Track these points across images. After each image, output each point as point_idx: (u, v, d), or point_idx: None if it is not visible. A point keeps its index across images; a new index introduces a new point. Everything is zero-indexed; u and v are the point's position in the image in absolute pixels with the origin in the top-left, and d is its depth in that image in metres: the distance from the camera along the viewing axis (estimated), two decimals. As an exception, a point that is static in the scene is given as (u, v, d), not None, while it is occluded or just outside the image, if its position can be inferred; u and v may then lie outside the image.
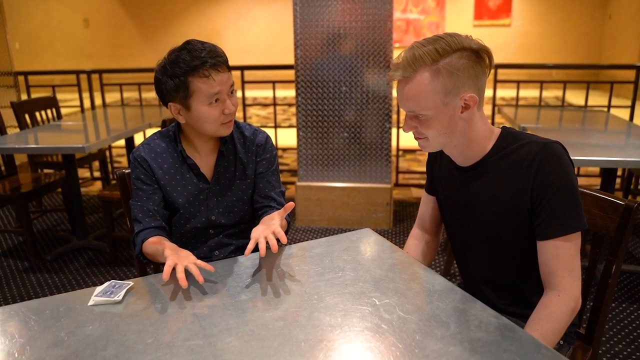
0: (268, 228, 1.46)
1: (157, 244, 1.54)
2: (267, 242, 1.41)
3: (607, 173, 3.06)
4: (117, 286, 1.36)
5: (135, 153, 1.71)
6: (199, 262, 1.38)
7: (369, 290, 1.32)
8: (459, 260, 1.64)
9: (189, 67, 1.53)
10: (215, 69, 1.55)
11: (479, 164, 1.41)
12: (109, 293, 1.33)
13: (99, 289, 1.35)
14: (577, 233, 1.30)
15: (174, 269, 1.34)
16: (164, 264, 1.38)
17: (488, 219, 1.43)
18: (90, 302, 1.30)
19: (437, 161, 1.59)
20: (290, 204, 1.51)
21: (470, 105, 1.30)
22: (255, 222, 1.80)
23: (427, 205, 1.70)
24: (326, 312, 1.22)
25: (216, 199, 1.75)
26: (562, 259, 1.30)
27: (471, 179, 1.44)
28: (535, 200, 1.31)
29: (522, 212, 1.34)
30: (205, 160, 1.74)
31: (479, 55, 1.28)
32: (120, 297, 1.32)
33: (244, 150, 1.77)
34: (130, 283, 1.38)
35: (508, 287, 1.51)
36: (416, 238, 1.72)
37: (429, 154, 1.61)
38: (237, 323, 1.19)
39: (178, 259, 1.38)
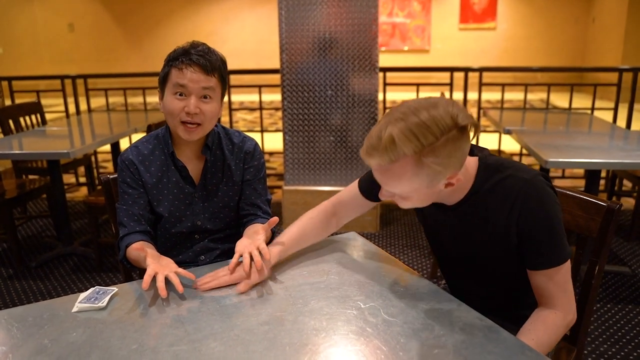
0: (253, 243, 1.45)
1: (139, 251, 1.53)
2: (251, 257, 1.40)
3: (591, 175, 3.09)
4: (101, 292, 1.35)
5: (122, 156, 1.71)
6: (180, 270, 1.38)
7: (354, 294, 1.33)
8: (446, 273, 1.63)
9: (174, 57, 1.58)
10: (193, 65, 1.55)
11: (461, 203, 1.35)
12: (93, 299, 1.32)
13: (82, 295, 1.35)
14: (564, 262, 1.29)
15: (154, 277, 1.34)
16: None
17: (474, 250, 1.40)
18: (74, 309, 1.30)
19: None
20: (275, 219, 1.51)
21: (454, 184, 1.24)
22: (240, 228, 1.79)
23: (355, 198, 1.61)
24: (311, 316, 1.23)
25: (202, 204, 1.74)
26: (555, 284, 1.30)
27: (455, 216, 1.39)
28: (522, 236, 1.29)
29: (509, 246, 1.32)
30: (193, 164, 1.73)
31: (465, 131, 1.16)
32: (105, 303, 1.31)
33: (232, 156, 1.76)
34: (114, 289, 1.38)
35: (496, 302, 1.51)
36: (325, 212, 1.64)
37: None
38: (222, 328, 1.19)
39: (159, 268, 1.37)
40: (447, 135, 1.12)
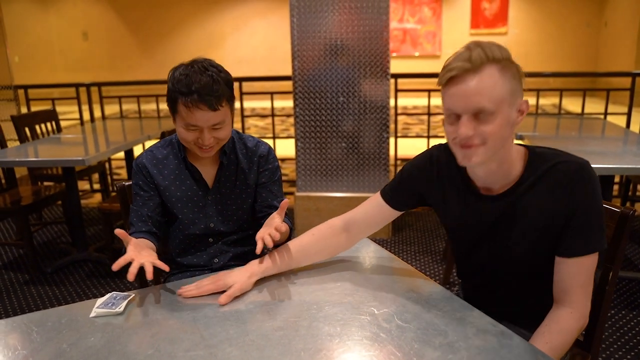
0: (269, 227, 1.47)
1: (124, 237, 1.49)
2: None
3: (605, 180, 3.07)
4: (118, 297, 1.38)
5: (137, 159, 1.77)
6: (157, 262, 1.40)
7: (367, 300, 1.33)
8: (465, 274, 1.62)
9: (180, 90, 1.55)
10: (200, 104, 1.54)
11: (511, 191, 1.35)
12: (110, 304, 1.34)
13: (100, 300, 1.37)
14: (596, 253, 1.30)
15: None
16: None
17: (514, 241, 1.38)
18: (92, 314, 1.32)
19: (435, 181, 1.49)
20: (285, 202, 1.53)
21: (524, 111, 1.29)
22: (255, 230, 1.81)
23: (373, 211, 1.58)
24: (325, 322, 1.24)
25: (215, 207, 1.77)
26: (579, 277, 1.30)
27: (502, 205, 1.36)
28: (569, 217, 1.29)
29: (554, 231, 1.32)
30: (207, 169, 1.76)
31: (521, 72, 1.28)
32: (122, 309, 1.33)
33: (246, 160, 1.79)
34: (131, 294, 1.40)
35: (511, 308, 1.50)
36: (332, 227, 1.60)
37: (413, 170, 1.52)
38: (237, 333, 1.20)
39: (136, 255, 1.40)
40: (514, 63, 1.26)
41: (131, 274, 1.33)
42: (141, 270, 1.74)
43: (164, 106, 5.68)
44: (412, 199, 1.54)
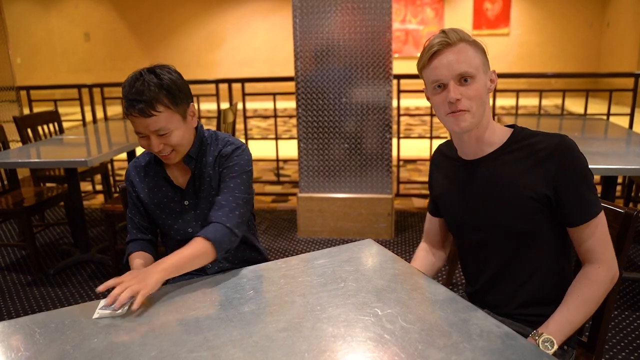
0: (136, 282, 1.40)
1: (130, 263, 1.71)
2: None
3: (608, 181, 3.07)
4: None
5: (128, 168, 1.83)
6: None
7: (371, 301, 1.33)
8: (466, 261, 1.65)
9: (125, 99, 1.57)
10: (133, 111, 1.55)
11: (493, 154, 1.48)
12: (113, 306, 1.34)
13: (103, 302, 1.36)
14: (601, 212, 1.40)
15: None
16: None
17: (501, 209, 1.46)
18: (95, 315, 1.32)
19: (441, 167, 1.66)
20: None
21: (494, 80, 1.46)
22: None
23: (431, 223, 1.78)
24: (329, 323, 1.23)
25: (193, 212, 1.78)
26: (597, 237, 1.39)
27: (484, 169, 1.49)
28: (559, 189, 1.38)
29: (540, 199, 1.40)
30: (180, 175, 1.78)
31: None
32: (125, 310, 1.33)
33: (213, 162, 1.76)
34: (134, 296, 1.39)
35: (516, 285, 1.52)
36: (423, 249, 1.79)
37: (435, 166, 1.69)
38: (241, 334, 1.20)
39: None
40: (479, 44, 1.45)
41: (118, 303, 1.34)
42: None
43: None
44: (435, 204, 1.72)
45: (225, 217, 1.64)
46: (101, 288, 1.39)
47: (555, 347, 1.32)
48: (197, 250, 1.56)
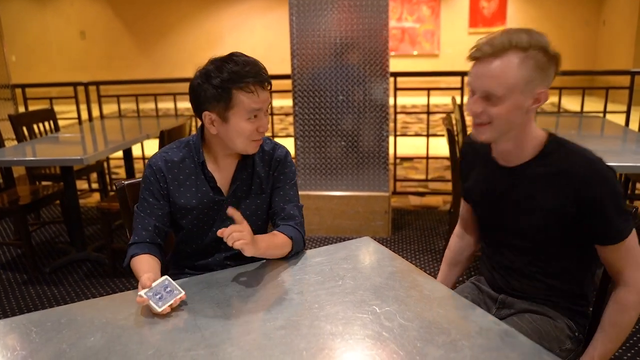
0: (249, 237, 1.44)
1: (137, 270, 1.55)
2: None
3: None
4: (168, 289, 1.33)
5: (151, 161, 1.68)
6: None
7: (369, 298, 1.33)
8: (490, 253, 1.67)
9: (236, 78, 1.51)
10: (260, 85, 1.54)
11: (525, 165, 1.45)
12: (158, 297, 1.30)
13: (144, 290, 1.32)
14: (633, 232, 1.38)
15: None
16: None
17: (527, 219, 1.47)
18: (141, 292, 1.31)
19: (473, 162, 1.64)
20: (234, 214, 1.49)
21: (541, 100, 1.37)
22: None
23: (464, 209, 1.78)
24: (327, 321, 1.23)
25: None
26: (626, 259, 1.38)
27: (515, 179, 1.47)
28: (589, 214, 1.36)
29: (567, 219, 1.39)
30: (223, 174, 1.70)
31: (553, 59, 1.35)
32: (160, 309, 1.28)
33: (262, 164, 1.73)
34: (181, 292, 1.34)
35: (539, 280, 1.55)
36: (457, 235, 1.83)
37: (464, 157, 1.69)
38: (239, 332, 1.20)
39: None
40: (546, 52, 1.33)
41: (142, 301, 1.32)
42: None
43: (162, 105, 5.66)
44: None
45: (298, 225, 1.70)
46: (219, 232, 1.41)
47: None
48: (283, 243, 1.61)
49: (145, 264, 1.56)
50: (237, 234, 1.40)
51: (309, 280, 1.46)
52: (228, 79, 1.52)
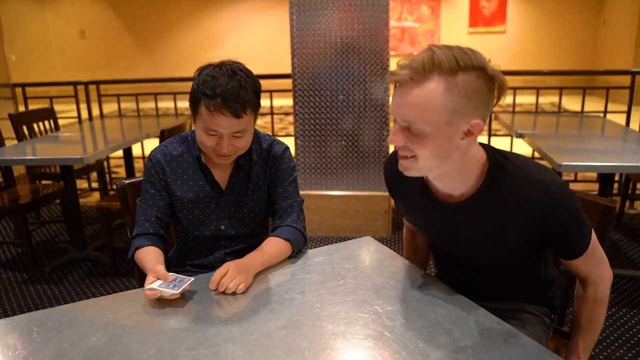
0: (240, 274, 1.43)
1: (143, 261, 1.57)
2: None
3: (605, 178, 3.07)
4: (178, 280, 1.38)
5: (151, 154, 1.71)
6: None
7: (371, 298, 1.32)
8: (442, 270, 1.63)
9: (204, 91, 1.49)
10: (223, 109, 1.48)
11: (470, 200, 1.29)
12: (171, 285, 1.35)
13: (158, 282, 1.37)
14: (592, 241, 1.32)
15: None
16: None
17: (485, 254, 1.40)
18: (153, 285, 1.35)
19: (404, 192, 1.46)
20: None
21: (474, 133, 1.18)
22: (264, 233, 1.78)
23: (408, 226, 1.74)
24: (329, 321, 1.23)
25: (228, 209, 1.73)
26: (589, 263, 1.35)
27: (464, 217, 1.32)
28: (549, 235, 1.28)
29: (525, 241, 1.31)
30: (221, 169, 1.71)
31: (493, 82, 1.16)
32: (179, 290, 1.33)
33: (260, 161, 1.73)
34: (191, 278, 1.39)
35: (493, 285, 1.52)
36: (410, 230, 1.74)
37: (392, 183, 1.49)
38: (241, 332, 1.19)
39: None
40: (480, 73, 1.12)
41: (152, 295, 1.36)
42: (140, 271, 1.74)
43: (162, 104, 5.65)
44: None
45: (295, 223, 1.70)
46: (213, 286, 1.41)
47: None
48: (280, 250, 1.62)
49: (151, 255, 1.58)
50: (229, 281, 1.40)
51: (311, 279, 1.46)
52: (201, 89, 1.50)
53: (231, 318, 1.26)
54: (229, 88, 1.47)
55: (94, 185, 5.37)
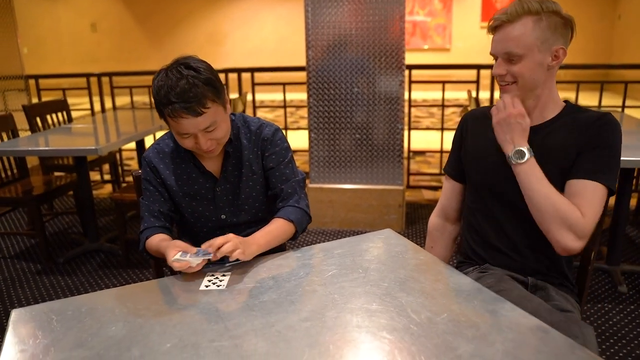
0: (240, 246, 1.45)
1: (160, 241, 1.59)
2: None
3: (624, 173, 3.02)
4: (202, 252, 1.41)
5: (145, 154, 1.74)
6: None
7: (394, 291, 1.30)
8: (477, 226, 1.68)
9: (161, 101, 1.48)
10: (183, 113, 1.46)
11: (551, 121, 1.55)
12: (195, 255, 1.39)
13: (180, 253, 1.41)
14: (605, 189, 1.43)
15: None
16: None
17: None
18: (176, 256, 1.39)
19: (475, 129, 1.69)
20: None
21: (559, 57, 1.49)
22: (267, 218, 1.76)
23: (451, 193, 1.80)
24: (352, 313, 1.20)
25: (225, 198, 1.73)
26: (586, 198, 1.42)
27: (539, 136, 1.53)
28: (581, 149, 1.46)
29: (568, 165, 1.47)
30: (214, 160, 1.71)
31: (568, 22, 1.48)
32: (199, 266, 1.40)
33: (250, 145, 1.72)
34: (210, 254, 1.42)
35: (534, 251, 1.57)
36: (438, 230, 1.86)
37: (463, 126, 1.74)
38: (263, 324, 1.17)
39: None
40: (558, 15, 1.46)
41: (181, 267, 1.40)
42: (157, 260, 1.73)
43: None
44: (460, 164, 1.74)
45: (297, 203, 1.72)
46: (205, 245, 1.44)
47: (528, 155, 1.46)
48: (282, 230, 1.65)
49: (164, 238, 1.62)
50: (226, 245, 1.42)
51: (332, 271, 1.43)
52: (158, 100, 1.49)
53: (252, 309, 1.24)
54: (179, 91, 1.45)
55: (106, 177, 5.37)
